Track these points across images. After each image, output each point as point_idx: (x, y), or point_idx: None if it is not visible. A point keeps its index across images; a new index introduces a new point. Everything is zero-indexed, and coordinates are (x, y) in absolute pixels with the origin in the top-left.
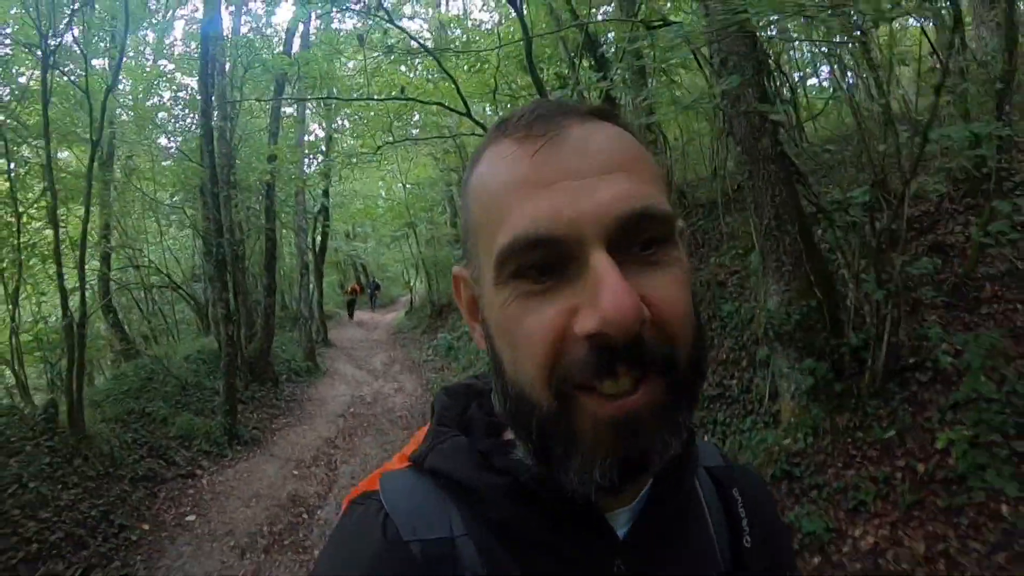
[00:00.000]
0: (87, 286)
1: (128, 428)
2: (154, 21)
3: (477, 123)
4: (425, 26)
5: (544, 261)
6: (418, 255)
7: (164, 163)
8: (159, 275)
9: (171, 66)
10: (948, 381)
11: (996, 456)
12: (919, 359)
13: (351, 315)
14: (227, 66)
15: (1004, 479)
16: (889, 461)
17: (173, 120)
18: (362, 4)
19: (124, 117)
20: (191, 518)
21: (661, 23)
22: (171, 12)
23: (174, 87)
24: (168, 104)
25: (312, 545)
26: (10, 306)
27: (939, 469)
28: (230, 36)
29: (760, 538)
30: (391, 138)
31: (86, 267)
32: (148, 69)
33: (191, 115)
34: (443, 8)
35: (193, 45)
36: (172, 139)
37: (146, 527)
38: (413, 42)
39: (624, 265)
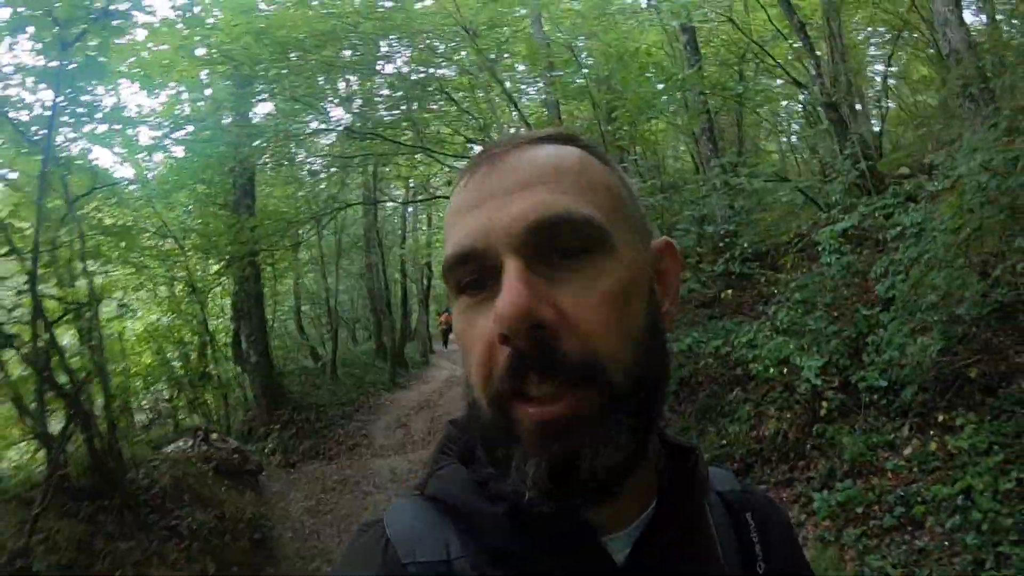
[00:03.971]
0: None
1: (349, 377)
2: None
3: None
4: None
5: (479, 275)
6: None
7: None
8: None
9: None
10: None
11: None
12: None
13: (445, 343)
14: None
15: None
16: None
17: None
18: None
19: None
20: (386, 403)
21: None
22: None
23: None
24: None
25: (433, 412)
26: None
27: None
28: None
29: (777, 566)
30: None
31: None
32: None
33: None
34: None
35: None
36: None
37: (370, 403)
38: None
39: (541, 273)
